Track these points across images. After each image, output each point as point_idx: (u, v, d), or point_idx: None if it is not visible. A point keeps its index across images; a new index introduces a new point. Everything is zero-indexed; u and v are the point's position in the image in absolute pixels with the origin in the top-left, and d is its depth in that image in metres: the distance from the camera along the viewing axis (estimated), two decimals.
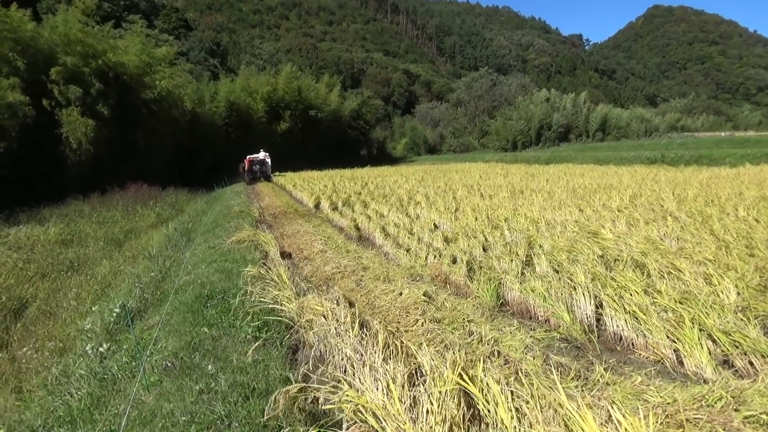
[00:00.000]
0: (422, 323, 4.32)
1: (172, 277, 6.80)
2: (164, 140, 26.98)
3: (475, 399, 2.79)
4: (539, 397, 2.74)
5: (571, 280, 4.74)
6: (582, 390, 3.09)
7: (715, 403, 2.85)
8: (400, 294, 5.19)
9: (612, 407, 2.60)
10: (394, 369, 2.97)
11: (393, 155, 62.79)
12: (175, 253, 8.79)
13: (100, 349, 4.59)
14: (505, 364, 3.44)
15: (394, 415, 2.62)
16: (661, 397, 2.97)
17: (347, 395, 2.82)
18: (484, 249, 6.83)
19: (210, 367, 3.61)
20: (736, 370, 3.43)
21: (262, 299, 4.73)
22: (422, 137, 67.44)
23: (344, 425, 2.76)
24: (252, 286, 5.12)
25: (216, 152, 34.36)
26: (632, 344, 3.95)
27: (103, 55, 22.95)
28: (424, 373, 2.99)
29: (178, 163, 29.45)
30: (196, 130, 32.38)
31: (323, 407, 2.93)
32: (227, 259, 6.93)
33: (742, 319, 3.78)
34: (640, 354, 3.81)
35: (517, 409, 2.69)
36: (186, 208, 17.66)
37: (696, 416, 2.67)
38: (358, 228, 9.74)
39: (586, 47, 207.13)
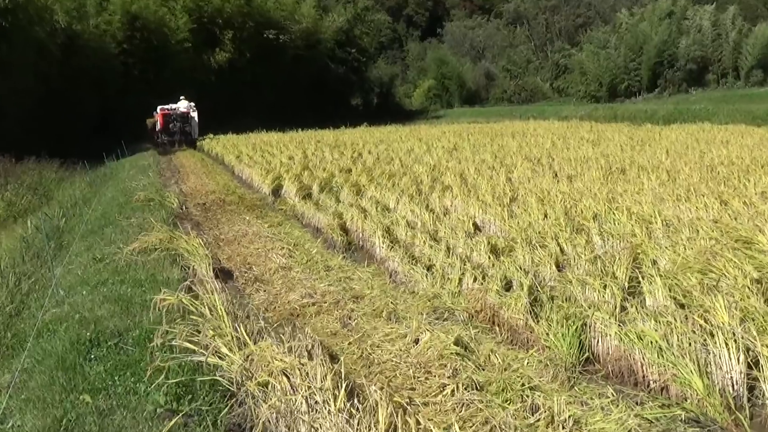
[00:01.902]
0: (452, 391, 4.32)
1: (33, 310, 6.81)
2: (21, 79, 27.00)
3: None
4: None
5: (707, 321, 4.72)
6: None
7: None
8: (416, 342, 5.19)
9: None
10: None
11: (406, 107, 62.74)
12: (38, 269, 8.81)
13: None
14: None
15: None
16: None
17: None
18: (558, 267, 6.83)
19: None
20: None
21: (183, 347, 4.73)
22: (456, 77, 67.17)
23: None
24: (167, 324, 5.11)
25: (108, 100, 34.44)
26: None
27: None
28: None
29: (45, 117, 29.49)
30: (74, 61, 32.39)
31: None
32: (125, 280, 6.95)
33: None
34: None
35: None
36: (57, 193, 17.70)
37: None
38: (345, 229, 9.78)
39: None
